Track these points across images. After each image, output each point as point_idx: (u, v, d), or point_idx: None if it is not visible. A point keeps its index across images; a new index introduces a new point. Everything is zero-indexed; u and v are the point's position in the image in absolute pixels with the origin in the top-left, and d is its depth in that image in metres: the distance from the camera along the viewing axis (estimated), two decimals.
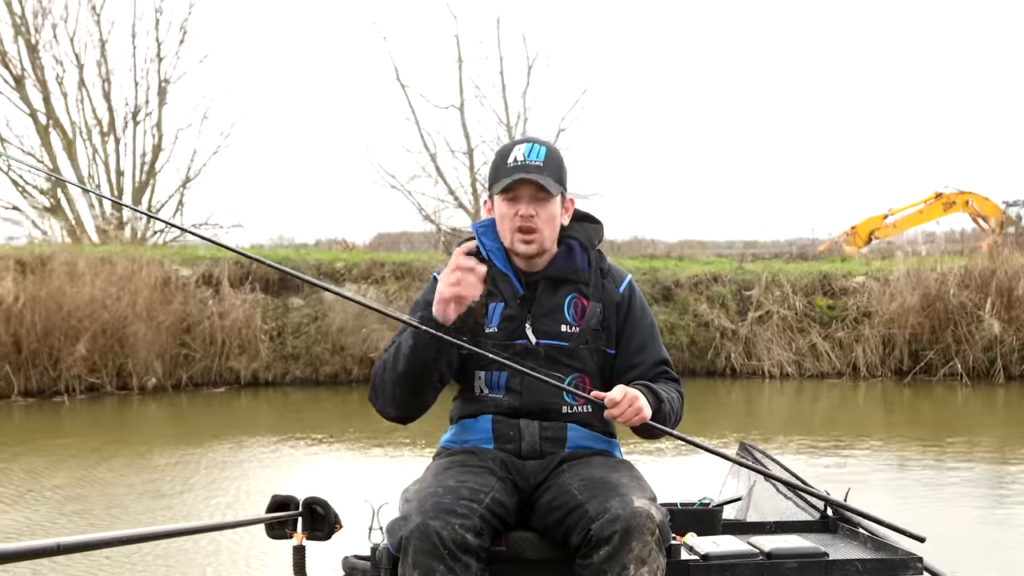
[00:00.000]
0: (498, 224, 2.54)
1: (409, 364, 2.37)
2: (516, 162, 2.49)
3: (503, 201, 2.51)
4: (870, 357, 13.22)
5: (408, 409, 2.48)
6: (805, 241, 20.05)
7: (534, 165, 2.48)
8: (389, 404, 2.46)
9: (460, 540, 2.11)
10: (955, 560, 4.80)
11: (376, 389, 2.48)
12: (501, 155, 2.56)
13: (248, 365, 13.04)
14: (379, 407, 2.51)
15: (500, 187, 2.49)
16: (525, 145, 2.53)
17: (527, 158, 2.49)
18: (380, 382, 2.46)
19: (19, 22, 19.10)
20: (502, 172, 2.51)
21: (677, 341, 13.50)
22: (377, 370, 2.48)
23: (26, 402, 11.65)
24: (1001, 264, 13.31)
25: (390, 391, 2.43)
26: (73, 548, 1.60)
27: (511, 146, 2.56)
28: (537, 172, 2.47)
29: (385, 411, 2.50)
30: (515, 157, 2.50)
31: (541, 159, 2.49)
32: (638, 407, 2.31)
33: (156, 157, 20.33)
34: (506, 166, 2.50)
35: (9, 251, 12.96)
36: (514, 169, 2.48)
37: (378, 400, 2.49)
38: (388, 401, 2.46)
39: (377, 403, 2.50)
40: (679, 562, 2.29)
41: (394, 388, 2.42)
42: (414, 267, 14.17)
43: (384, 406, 2.49)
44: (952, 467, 7.39)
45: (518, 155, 2.50)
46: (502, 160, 2.53)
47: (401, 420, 2.53)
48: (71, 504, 6.39)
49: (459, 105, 17.89)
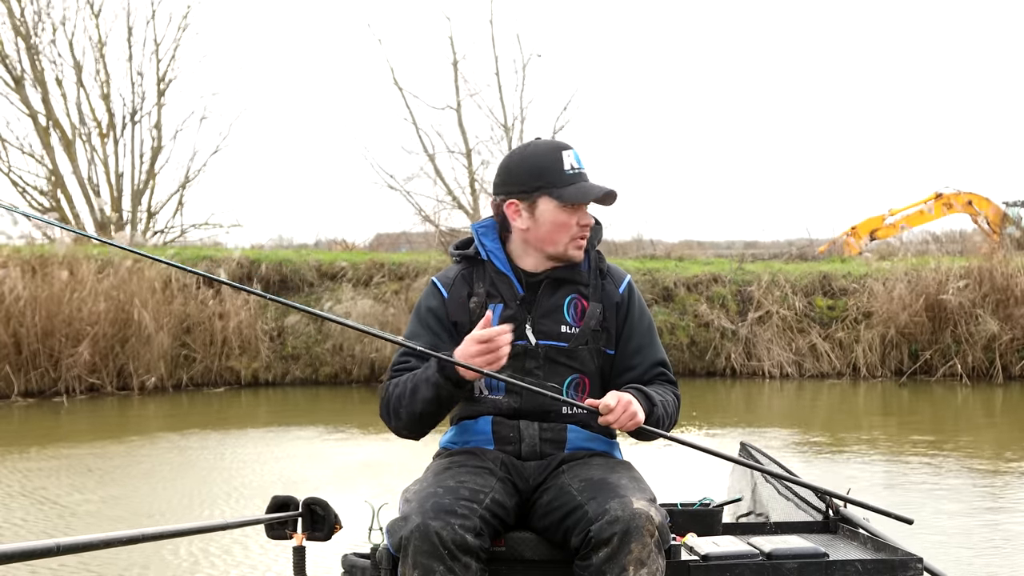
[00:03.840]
0: (550, 230, 2.49)
1: (428, 408, 2.40)
2: (573, 170, 2.48)
3: (562, 209, 2.47)
4: (870, 357, 13.22)
5: (425, 432, 2.52)
6: (804, 242, 20.04)
7: (586, 174, 2.51)
8: (404, 430, 2.50)
9: (460, 540, 2.11)
10: (955, 560, 4.81)
11: (390, 415, 2.48)
12: (548, 160, 2.49)
13: (248, 365, 13.04)
14: (393, 428, 2.53)
15: (573, 196, 2.46)
16: (572, 151, 2.52)
17: (580, 166, 2.50)
18: (394, 410, 2.46)
19: (19, 23, 19.12)
20: (562, 179, 2.47)
21: (677, 341, 13.49)
22: (390, 396, 2.46)
23: (26, 402, 11.65)
24: (1001, 264, 13.31)
25: (405, 420, 2.45)
26: (73, 548, 1.60)
27: (556, 151, 2.51)
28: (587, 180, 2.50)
29: (399, 433, 2.53)
30: (570, 165, 2.48)
31: (584, 167, 2.52)
32: (632, 412, 2.31)
33: (155, 157, 20.33)
34: (565, 174, 2.47)
35: (9, 251, 12.95)
36: (576, 177, 2.48)
37: (391, 423, 2.51)
38: (403, 428, 2.49)
39: (391, 425, 2.52)
40: (679, 563, 2.29)
41: (410, 419, 2.44)
42: (414, 267, 14.17)
43: (399, 430, 2.52)
44: (952, 467, 7.39)
45: (572, 163, 2.49)
46: (553, 166, 2.48)
47: (415, 439, 2.56)
48: (71, 504, 6.39)
49: (455, 106, 17.89)
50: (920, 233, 18.72)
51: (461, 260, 2.63)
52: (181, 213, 20.67)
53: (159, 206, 20.58)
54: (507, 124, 17.85)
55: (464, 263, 2.61)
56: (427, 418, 2.44)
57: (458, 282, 2.57)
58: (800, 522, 2.79)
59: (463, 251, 2.63)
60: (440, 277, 2.61)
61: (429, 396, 2.37)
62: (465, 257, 2.61)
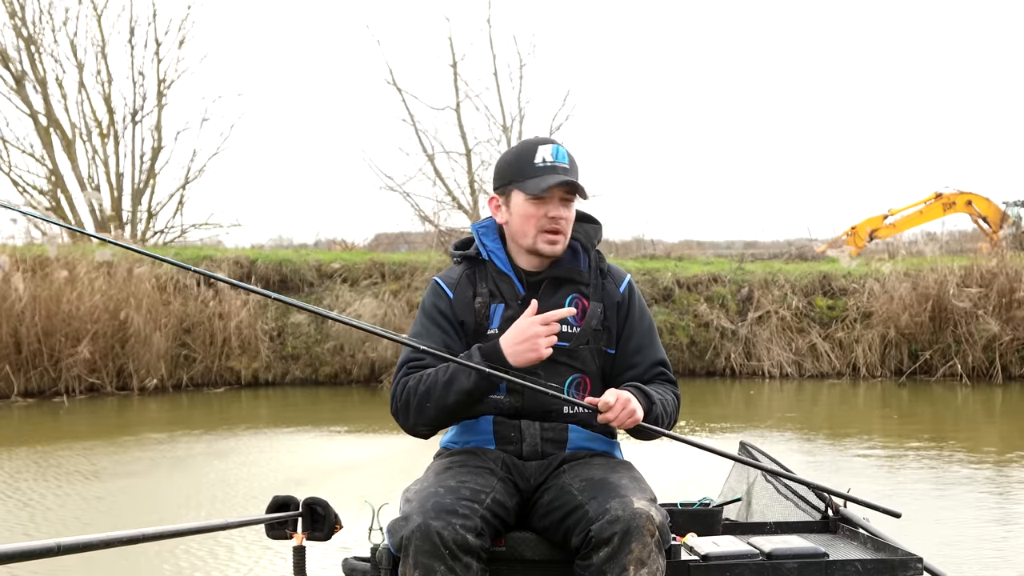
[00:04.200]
0: (519, 223, 2.51)
1: (461, 400, 2.38)
2: (545, 163, 2.48)
3: (529, 202, 2.48)
4: (870, 357, 13.22)
5: (443, 427, 2.51)
6: (804, 242, 20.04)
7: (563, 167, 2.48)
8: (424, 426, 2.47)
9: (461, 540, 2.11)
10: (955, 560, 4.81)
11: (410, 410, 2.43)
12: (523, 155, 2.52)
13: (248, 365, 13.05)
14: (408, 425, 2.49)
15: (534, 188, 2.46)
16: (550, 146, 2.51)
17: (556, 159, 2.48)
18: (417, 407, 2.42)
19: (19, 23, 19.12)
20: (530, 172, 2.48)
21: (677, 341, 13.50)
22: (411, 391, 2.42)
23: (26, 402, 11.65)
24: (1000, 264, 13.32)
25: (432, 415, 2.42)
26: (73, 548, 1.60)
27: (532, 146, 2.53)
28: (566, 175, 2.47)
29: (416, 430, 2.50)
30: (543, 158, 2.48)
31: (566, 161, 2.50)
32: (631, 409, 2.31)
33: (156, 158, 20.33)
34: (534, 166, 2.48)
35: (9, 251, 12.95)
36: (545, 170, 2.47)
37: (409, 419, 2.46)
38: (423, 423, 2.45)
39: (407, 422, 2.48)
40: (679, 562, 2.29)
41: (438, 412, 2.41)
42: (413, 268, 14.17)
43: (416, 427, 2.48)
44: (952, 467, 7.39)
45: (545, 156, 2.48)
46: (526, 160, 2.50)
47: (428, 436, 2.54)
48: (71, 504, 6.39)
49: (455, 107, 17.87)
50: (920, 233, 18.73)
51: (462, 260, 2.63)
52: (181, 213, 20.69)
53: (159, 206, 20.60)
54: (506, 124, 17.84)
55: (466, 263, 2.61)
56: (457, 411, 2.41)
57: (462, 282, 2.57)
58: (800, 522, 2.79)
59: (464, 251, 2.63)
60: (443, 277, 2.61)
61: (468, 387, 2.34)
62: (466, 257, 2.62)
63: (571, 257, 2.57)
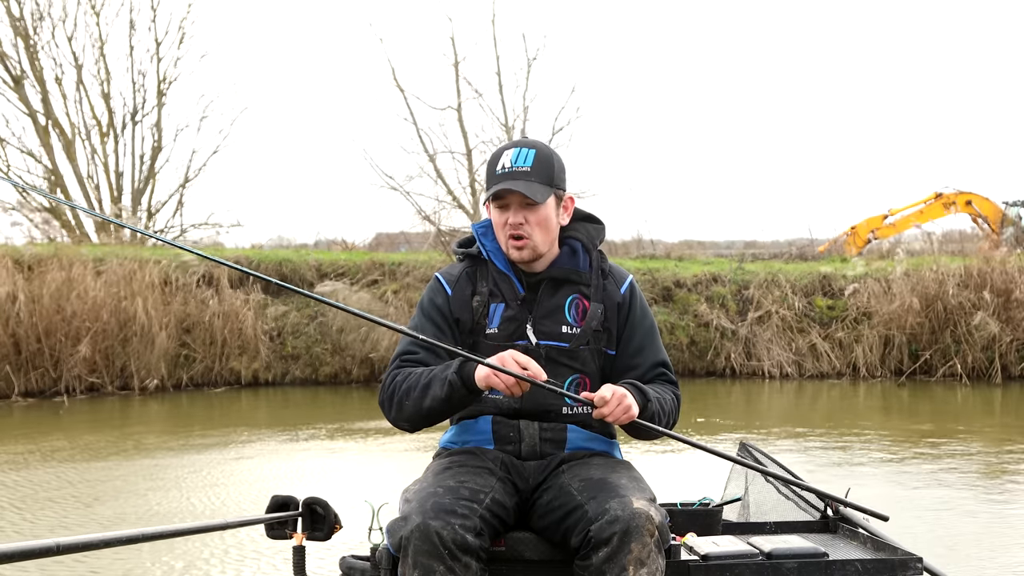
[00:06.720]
0: (494, 229, 2.55)
1: (436, 407, 2.40)
2: (504, 169, 2.48)
3: (495, 208, 2.52)
4: (870, 357, 13.23)
5: (422, 427, 2.52)
6: (804, 241, 20.04)
7: (521, 171, 2.47)
8: (404, 422, 2.49)
9: (460, 540, 2.11)
10: (955, 560, 4.81)
11: (392, 404, 2.47)
12: (491, 161, 2.55)
13: (248, 365, 13.05)
14: (391, 419, 2.52)
15: (488, 196, 2.50)
16: (513, 151, 2.51)
17: (514, 164, 2.48)
18: (399, 402, 2.45)
19: (18, 23, 19.11)
20: (491, 180, 2.51)
21: (677, 341, 13.50)
22: (397, 386, 2.45)
23: (26, 402, 11.65)
24: (1000, 264, 13.32)
25: (409, 413, 2.45)
26: (72, 548, 1.60)
27: (500, 152, 2.55)
28: (524, 178, 2.46)
29: (398, 424, 2.52)
30: (503, 164, 2.49)
31: (529, 164, 2.48)
32: (627, 405, 2.30)
33: (155, 157, 20.34)
34: (495, 173, 2.50)
35: (9, 251, 12.95)
36: (501, 177, 2.48)
37: (392, 414, 2.50)
38: (403, 419, 2.48)
39: (390, 416, 2.51)
40: (679, 562, 2.29)
41: (415, 413, 2.44)
42: (413, 267, 14.17)
43: (397, 421, 2.51)
44: (951, 467, 7.39)
45: (505, 162, 2.49)
46: (492, 167, 2.53)
47: (411, 432, 2.56)
48: (71, 504, 6.39)
49: (456, 106, 17.89)
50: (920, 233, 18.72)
51: (464, 258, 2.63)
52: (181, 213, 20.71)
53: (159, 206, 20.61)
54: (508, 124, 17.85)
55: (468, 261, 2.62)
56: (432, 416, 2.43)
57: (462, 280, 2.58)
58: (800, 522, 2.78)
59: (466, 249, 2.64)
60: (444, 273, 2.62)
61: (441, 395, 2.36)
62: (468, 255, 2.62)
63: (570, 257, 2.57)
